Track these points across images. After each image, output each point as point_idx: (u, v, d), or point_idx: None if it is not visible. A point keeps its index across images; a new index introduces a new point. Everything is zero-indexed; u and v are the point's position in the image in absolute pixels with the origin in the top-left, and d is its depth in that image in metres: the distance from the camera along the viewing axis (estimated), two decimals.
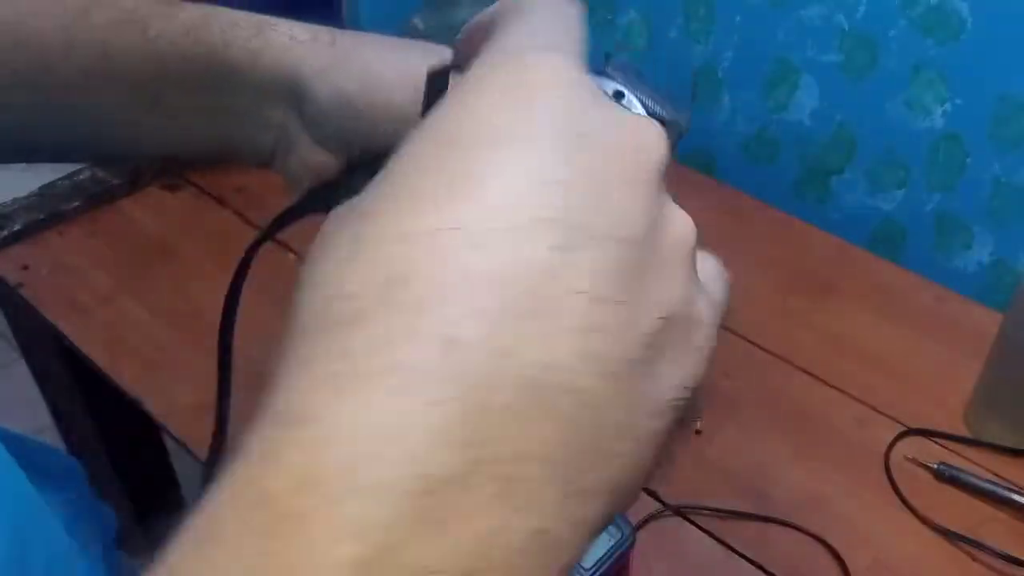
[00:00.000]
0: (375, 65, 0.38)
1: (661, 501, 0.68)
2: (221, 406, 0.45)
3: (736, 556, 0.65)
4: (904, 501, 0.69)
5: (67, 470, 0.58)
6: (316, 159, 0.42)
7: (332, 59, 0.39)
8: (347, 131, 0.40)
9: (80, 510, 0.55)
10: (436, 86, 0.34)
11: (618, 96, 0.31)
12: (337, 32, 0.41)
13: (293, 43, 0.40)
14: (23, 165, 0.48)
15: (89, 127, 0.44)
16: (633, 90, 0.32)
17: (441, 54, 0.38)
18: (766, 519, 0.67)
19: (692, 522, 0.67)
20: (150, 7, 0.41)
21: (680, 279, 0.22)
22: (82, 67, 0.41)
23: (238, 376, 0.68)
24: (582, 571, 0.54)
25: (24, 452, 0.51)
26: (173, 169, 0.94)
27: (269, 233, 0.42)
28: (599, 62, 0.31)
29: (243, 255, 0.42)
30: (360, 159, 0.42)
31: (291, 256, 0.87)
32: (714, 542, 0.66)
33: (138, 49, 0.41)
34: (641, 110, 0.31)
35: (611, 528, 0.57)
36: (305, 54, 0.40)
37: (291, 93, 0.41)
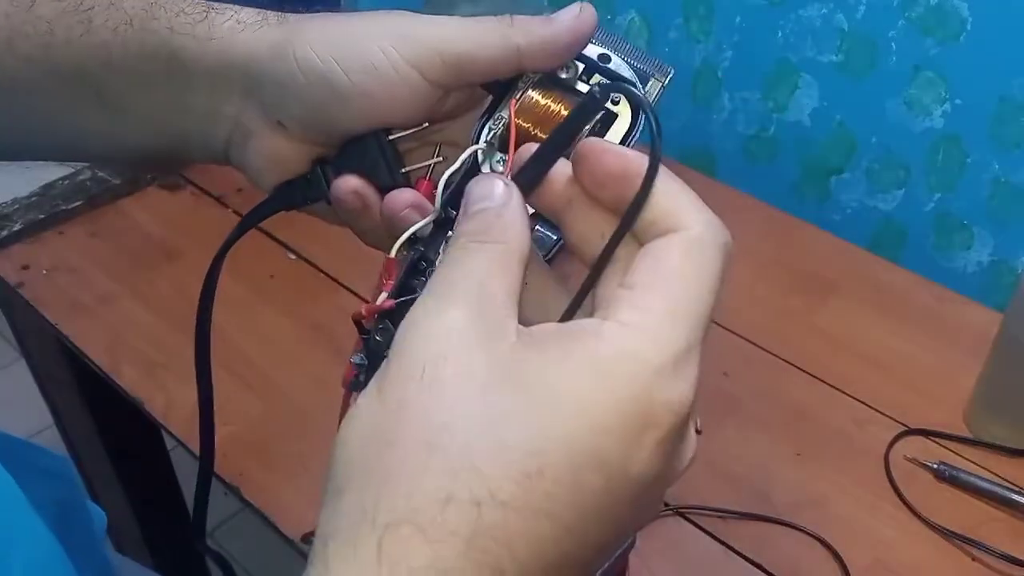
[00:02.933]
0: (330, 38, 0.36)
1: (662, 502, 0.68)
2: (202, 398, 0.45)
3: (736, 556, 0.65)
4: (904, 501, 0.69)
5: (54, 469, 0.58)
6: (278, 148, 0.40)
7: (284, 37, 0.37)
8: (307, 113, 0.38)
9: (67, 509, 0.55)
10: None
11: (604, 59, 0.35)
12: (286, 14, 0.39)
13: (241, 26, 0.38)
14: (24, 164, 0.48)
15: (32, 123, 0.42)
16: (618, 53, 0.35)
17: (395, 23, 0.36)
18: (766, 519, 0.67)
19: (692, 522, 0.67)
20: (94, 0, 0.40)
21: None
22: (25, 57, 0.39)
23: (241, 375, 0.68)
24: None
25: (9, 451, 0.51)
26: (130, 173, 0.93)
27: (239, 232, 0.41)
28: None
29: (215, 256, 0.41)
30: (324, 147, 0.40)
31: (291, 256, 0.87)
32: (714, 542, 0.66)
33: (82, 39, 0.39)
34: (628, 70, 0.35)
35: None
36: (255, 36, 0.38)
37: (245, 78, 0.39)
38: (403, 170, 0.39)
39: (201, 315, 0.43)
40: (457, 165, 0.36)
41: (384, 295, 0.34)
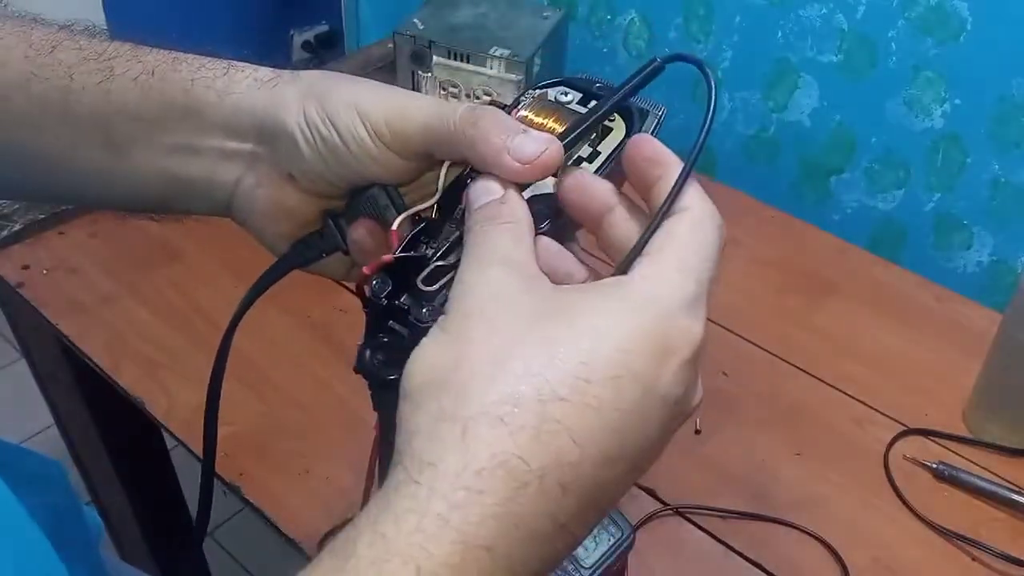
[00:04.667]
0: (333, 106, 0.39)
1: (661, 501, 0.68)
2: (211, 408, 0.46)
3: (736, 556, 0.65)
4: (903, 501, 0.69)
5: (48, 474, 0.58)
6: (286, 199, 0.42)
7: (297, 97, 0.40)
8: (316, 168, 0.40)
9: (61, 514, 0.55)
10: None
11: (602, 90, 0.40)
12: (298, 72, 0.41)
13: (259, 84, 0.40)
14: None
15: (33, 163, 0.43)
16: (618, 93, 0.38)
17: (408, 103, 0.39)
18: (766, 519, 0.67)
19: (692, 522, 0.67)
20: (118, 49, 0.41)
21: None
22: (40, 99, 0.41)
23: (241, 375, 0.68)
24: (582, 570, 0.54)
25: (1, 456, 0.51)
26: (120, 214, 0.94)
27: (255, 294, 0.44)
28: (594, 73, 0.40)
29: (230, 322, 0.43)
30: (330, 199, 0.41)
31: None
32: (714, 542, 0.66)
33: (101, 86, 0.41)
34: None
35: (611, 528, 0.57)
36: (272, 93, 0.40)
37: (260, 131, 0.40)
38: (409, 212, 0.41)
39: (216, 372, 0.45)
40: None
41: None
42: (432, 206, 0.39)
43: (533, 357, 0.30)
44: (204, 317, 0.79)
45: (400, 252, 0.38)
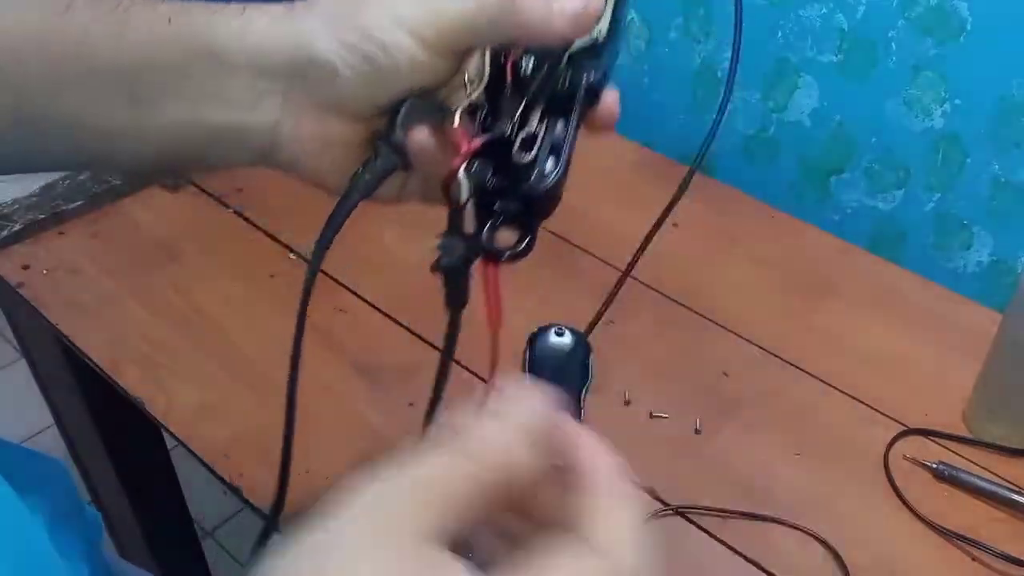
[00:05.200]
0: (378, 10, 0.38)
1: (661, 501, 0.68)
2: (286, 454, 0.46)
3: (736, 556, 0.65)
4: (903, 501, 0.69)
5: (48, 473, 0.58)
6: (329, 130, 0.41)
7: (320, 23, 0.39)
8: (355, 88, 0.39)
9: (62, 512, 0.55)
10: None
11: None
12: (309, 1, 0.40)
13: (276, 19, 0.40)
14: None
15: (56, 128, 0.42)
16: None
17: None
18: (766, 519, 0.67)
19: (692, 522, 0.67)
20: (131, 2, 0.40)
21: None
22: (57, 59, 0.39)
23: (241, 375, 0.68)
24: None
25: (2, 455, 0.51)
26: (152, 180, 0.93)
27: (333, 233, 0.41)
28: None
29: (306, 279, 0.41)
30: (371, 121, 0.41)
31: (291, 256, 0.87)
32: (714, 542, 0.66)
33: (117, 40, 0.39)
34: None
35: None
36: (293, 26, 0.39)
37: (289, 65, 0.39)
38: (467, 101, 0.41)
39: (296, 343, 0.42)
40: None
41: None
42: (481, 88, 0.40)
43: None
44: (204, 317, 0.79)
45: (479, 138, 0.39)
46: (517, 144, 0.39)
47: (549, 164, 0.39)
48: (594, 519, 0.32)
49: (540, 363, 0.75)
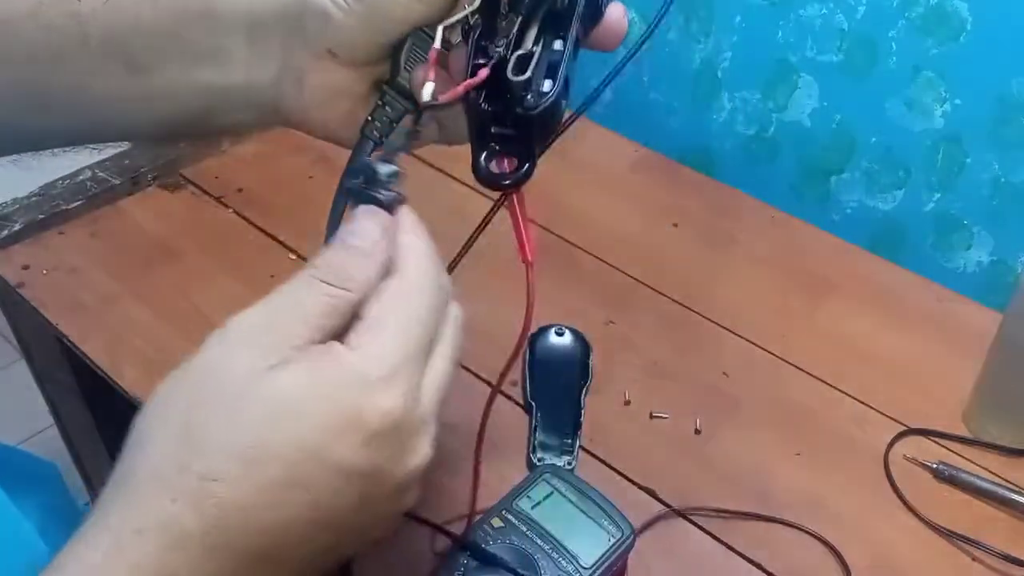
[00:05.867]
0: None
1: (662, 501, 0.68)
2: None
3: (736, 556, 0.65)
4: (903, 501, 0.69)
5: (42, 474, 0.58)
6: (333, 79, 0.40)
7: None
8: (354, 33, 0.38)
9: (56, 513, 0.55)
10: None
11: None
12: None
13: None
14: (23, 165, 0.47)
15: (56, 99, 0.41)
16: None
17: None
18: (766, 519, 0.67)
19: (692, 522, 0.67)
20: None
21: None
22: (50, 26, 0.39)
23: None
24: (582, 571, 0.54)
25: None
26: (169, 145, 0.92)
27: (348, 180, 0.41)
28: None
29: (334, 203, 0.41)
30: (374, 66, 0.40)
31: (291, 256, 0.87)
32: (714, 542, 0.66)
33: (107, 6, 0.39)
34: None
35: (611, 528, 0.57)
36: None
37: (284, 17, 0.39)
38: (450, 21, 0.41)
39: None
40: None
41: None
42: (475, 14, 0.39)
43: (213, 434, 0.32)
44: (204, 317, 0.79)
45: (473, 61, 0.38)
46: (512, 64, 0.38)
47: (546, 84, 0.38)
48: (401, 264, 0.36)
49: (540, 363, 0.75)
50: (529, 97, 0.37)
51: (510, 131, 0.38)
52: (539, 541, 0.55)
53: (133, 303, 0.82)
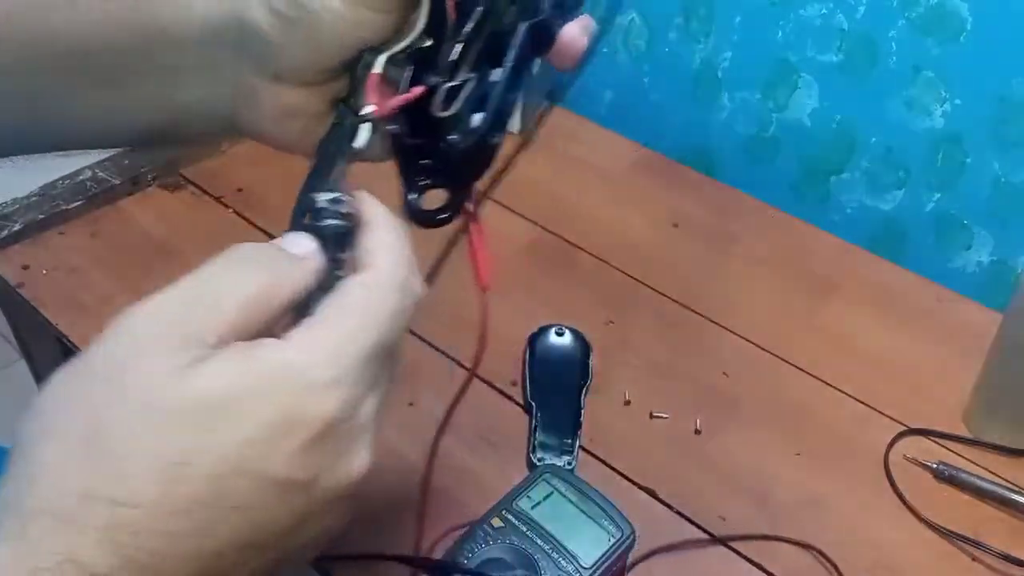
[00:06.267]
0: None
1: (662, 501, 0.68)
2: None
3: (736, 556, 0.65)
4: (903, 501, 0.69)
5: None
6: (287, 101, 0.39)
7: None
8: (299, 58, 0.37)
9: None
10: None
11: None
12: None
13: None
14: (23, 165, 0.47)
15: (32, 111, 0.41)
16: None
17: None
18: (759, 537, 0.67)
19: (692, 522, 0.67)
20: None
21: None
22: (20, 42, 0.39)
23: None
24: (582, 571, 0.54)
25: None
26: (144, 153, 0.92)
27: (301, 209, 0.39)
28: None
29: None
30: (330, 82, 0.39)
31: None
32: (714, 542, 0.66)
33: (68, 21, 0.39)
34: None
35: (611, 528, 0.57)
36: None
37: (234, 39, 0.38)
38: (389, 52, 0.39)
39: None
40: None
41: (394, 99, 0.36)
42: (422, 37, 0.37)
43: (125, 447, 0.28)
44: None
45: (404, 93, 0.36)
46: (440, 96, 0.36)
47: (476, 119, 0.36)
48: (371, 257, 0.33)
49: (540, 363, 0.75)
50: (454, 134, 0.35)
51: (438, 166, 0.36)
52: (539, 541, 0.55)
53: (133, 303, 0.82)
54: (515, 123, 1.04)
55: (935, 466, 0.71)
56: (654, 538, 0.65)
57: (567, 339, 0.77)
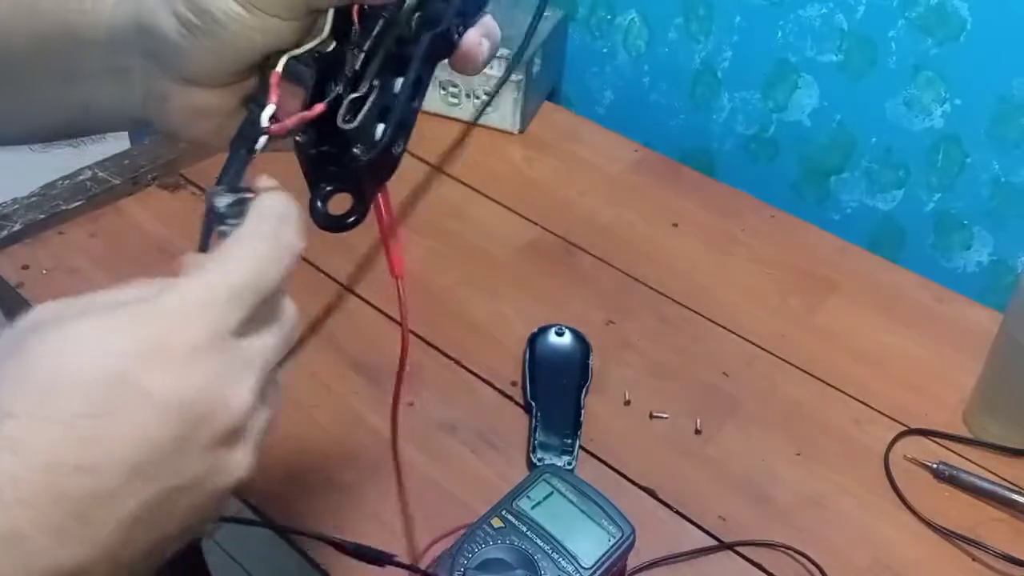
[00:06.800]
0: None
1: (661, 501, 0.68)
2: None
3: (736, 556, 0.65)
4: (903, 501, 0.69)
5: None
6: (196, 102, 0.40)
7: None
8: (206, 63, 0.38)
9: None
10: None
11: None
12: None
13: None
14: (23, 165, 0.47)
15: None
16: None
17: None
18: (752, 544, 0.67)
19: (692, 522, 0.67)
20: None
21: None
22: None
23: None
24: (582, 571, 0.54)
25: None
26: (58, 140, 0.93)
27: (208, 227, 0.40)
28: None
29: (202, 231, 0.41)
30: (239, 82, 0.39)
31: None
32: (714, 542, 0.66)
33: None
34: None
35: (611, 528, 0.57)
36: (139, 1, 0.38)
37: (140, 41, 0.38)
38: (289, 54, 0.39)
39: None
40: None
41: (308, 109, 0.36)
42: (326, 41, 0.38)
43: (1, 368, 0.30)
44: None
45: (308, 104, 0.36)
46: (344, 108, 0.36)
47: (378, 130, 0.36)
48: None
49: (540, 363, 0.75)
50: (357, 147, 0.36)
51: (342, 174, 0.37)
52: (539, 541, 0.55)
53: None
54: (516, 123, 1.04)
55: (935, 466, 0.71)
56: (654, 538, 0.65)
57: (567, 339, 0.77)
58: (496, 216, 0.92)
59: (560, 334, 0.78)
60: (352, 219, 0.37)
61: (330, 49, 0.38)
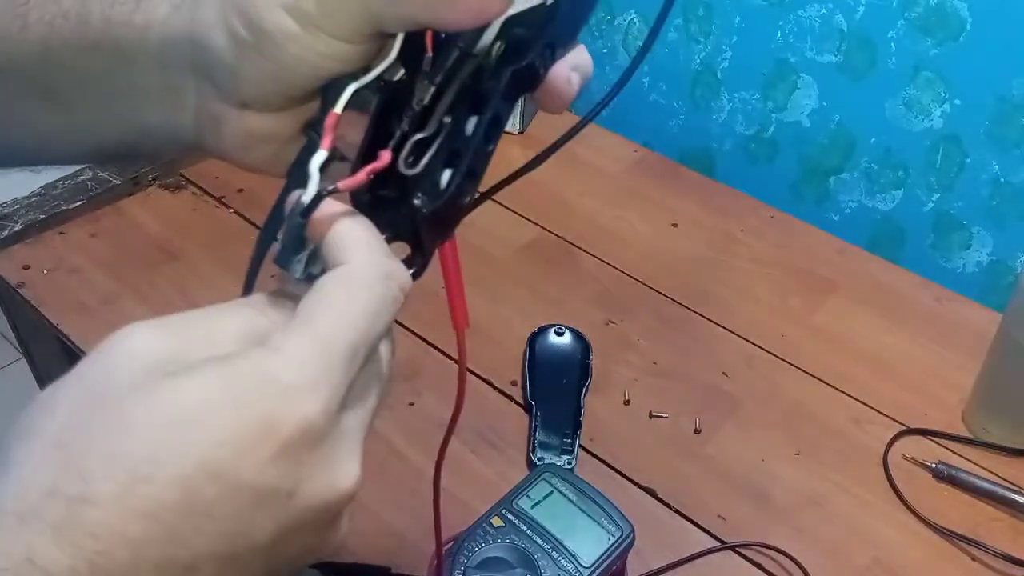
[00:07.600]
0: (244, 6, 0.33)
1: (662, 501, 0.68)
2: None
3: (736, 557, 0.65)
4: (903, 500, 0.69)
5: None
6: (253, 127, 0.37)
7: (216, 13, 0.34)
8: (263, 87, 0.35)
9: None
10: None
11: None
12: None
13: (176, 7, 0.36)
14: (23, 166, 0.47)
15: None
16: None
17: None
18: (747, 545, 0.67)
19: (692, 521, 0.67)
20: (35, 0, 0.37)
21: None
22: None
23: None
24: (582, 570, 0.54)
25: None
26: (121, 164, 0.92)
27: (263, 247, 0.38)
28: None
29: (250, 264, 0.38)
30: (300, 107, 0.36)
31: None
32: (714, 542, 0.66)
33: (19, 36, 0.37)
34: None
35: (610, 527, 0.57)
36: (194, 13, 0.35)
37: (194, 61, 0.36)
38: (353, 87, 0.35)
39: None
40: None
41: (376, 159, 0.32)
42: (393, 68, 0.33)
43: (92, 446, 0.27)
44: None
45: (372, 146, 0.32)
46: (407, 150, 0.32)
47: (445, 176, 0.32)
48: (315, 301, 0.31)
49: (540, 363, 0.76)
50: (418, 196, 0.32)
51: (400, 222, 0.33)
52: (539, 540, 0.55)
53: (133, 303, 0.82)
54: (516, 123, 1.04)
55: (934, 466, 0.71)
56: (654, 537, 0.65)
57: (567, 339, 0.77)
58: (496, 216, 0.92)
59: (560, 334, 0.78)
60: (411, 271, 0.33)
61: (397, 77, 0.34)
